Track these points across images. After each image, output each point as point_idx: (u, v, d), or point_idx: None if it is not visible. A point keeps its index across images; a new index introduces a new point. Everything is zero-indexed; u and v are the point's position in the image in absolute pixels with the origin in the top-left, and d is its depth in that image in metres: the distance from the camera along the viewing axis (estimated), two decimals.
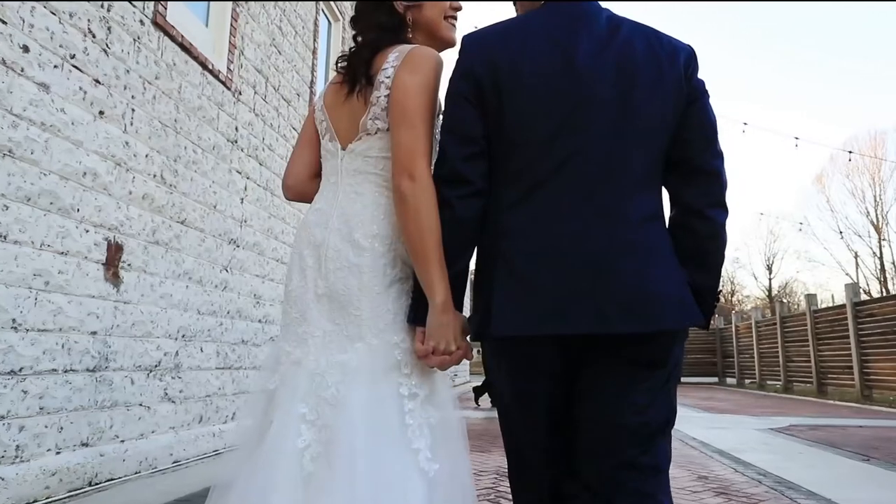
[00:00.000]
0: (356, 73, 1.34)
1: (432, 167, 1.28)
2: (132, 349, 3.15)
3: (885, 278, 28.27)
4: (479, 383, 8.85)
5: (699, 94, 1.24)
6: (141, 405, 3.21)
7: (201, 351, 3.83)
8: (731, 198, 1.26)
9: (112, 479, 2.91)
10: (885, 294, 23.64)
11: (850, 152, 15.70)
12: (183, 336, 3.63)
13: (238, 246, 4.37)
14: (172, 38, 3.54)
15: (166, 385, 3.44)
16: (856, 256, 28.80)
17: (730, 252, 1.35)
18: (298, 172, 1.50)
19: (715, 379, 18.69)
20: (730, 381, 18.00)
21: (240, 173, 4.42)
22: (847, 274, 29.01)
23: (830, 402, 10.73)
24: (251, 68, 4.65)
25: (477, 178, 1.20)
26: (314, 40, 6.06)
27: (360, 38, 1.40)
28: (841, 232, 28.05)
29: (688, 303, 1.16)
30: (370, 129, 1.33)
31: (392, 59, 1.31)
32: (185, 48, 3.68)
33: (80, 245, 2.79)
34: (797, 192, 46.42)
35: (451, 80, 1.25)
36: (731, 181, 1.26)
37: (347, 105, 1.36)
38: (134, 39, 3.21)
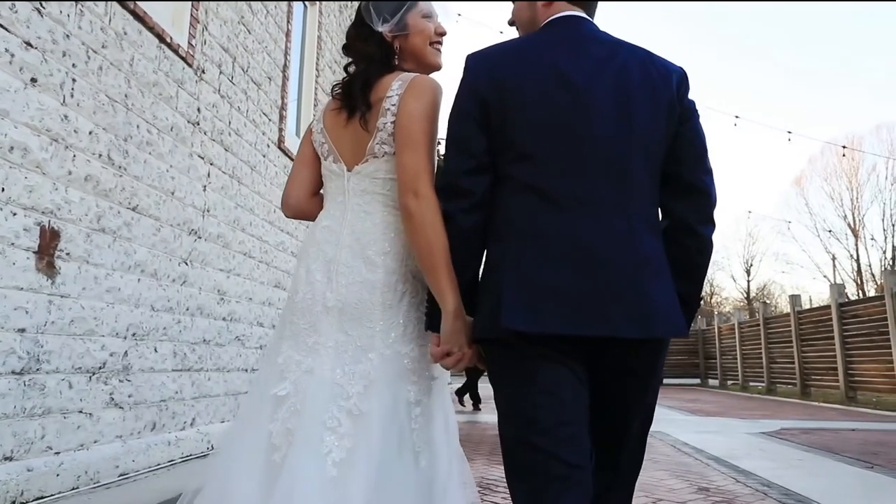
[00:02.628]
0: (355, 100, 1.43)
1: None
2: (70, 349, 2.80)
3: (861, 281, 28.54)
4: (461, 385, 8.59)
5: (690, 113, 1.32)
6: (81, 412, 2.86)
7: (155, 351, 3.48)
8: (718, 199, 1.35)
9: (42, 497, 2.55)
10: (861, 296, 23.81)
11: (844, 147, 15.64)
12: (133, 335, 3.27)
13: (199, 237, 4.02)
14: (123, 5, 3.19)
15: (112, 389, 3.08)
16: (833, 259, 29.05)
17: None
18: (299, 192, 1.58)
19: (697, 380, 18.59)
20: (712, 382, 17.91)
21: (202, 158, 4.07)
22: (825, 276, 29.24)
23: (815, 403, 10.63)
24: (216, 45, 4.30)
25: (478, 191, 1.26)
26: (287, 22, 5.71)
27: (352, 68, 1.50)
28: (830, 231, 28.25)
29: (678, 313, 1.23)
30: (377, 152, 1.41)
31: (396, 88, 1.39)
32: (139, 17, 3.33)
33: (4, 229, 2.43)
34: (777, 194, 46.75)
35: (457, 98, 1.30)
36: (719, 182, 1.34)
37: (349, 129, 1.44)
38: (76, 1, 2.85)
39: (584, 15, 1.35)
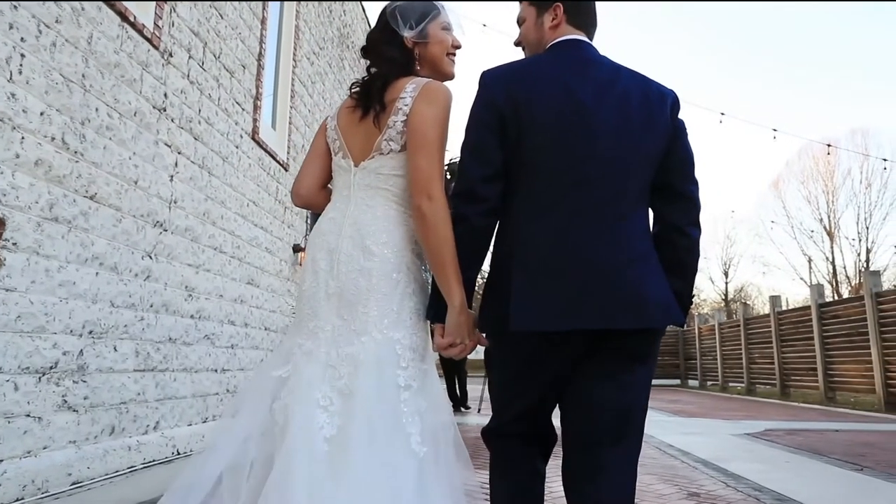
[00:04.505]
0: (371, 99, 1.51)
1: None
2: (16, 347, 2.57)
3: (836, 282, 28.89)
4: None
5: (680, 132, 1.46)
6: (28, 416, 2.63)
7: (115, 350, 3.26)
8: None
9: None
10: (836, 297, 24.06)
11: (829, 145, 15.72)
12: (90, 332, 3.05)
13: (165, 230, 3.79)
14: None
15: (65, 390, 2.86)
16: (809, 261, 29.37)
17: None
18: (310, 184, 1.66)
19: (677, 381, 18.63)
20: (692, 383, 17.95)
21: (169, 146, 3.84)
22: (801, 278, 29.56)
23: (795, 403, 10.64)
24: (185, 29, 4.08)
25: (492, 197, 1.37)
26: (263, 9, 5.50)
27: (373, 69, 1.57)
28: (812, 231, 28.54)
29: (672, 305, 1.37)
30: (384, 149, 1.49)
31: (410, 90, 1.47)
32: None
33: None
34: (755, 196, 47.08)
35: (474, 110, 1.41)
36: (702, 183, 1.51)
37: (362, 127, 1.53)
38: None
39: (585, 39, 1.50)
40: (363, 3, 9.86)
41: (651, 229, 1.46)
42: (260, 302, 5.38)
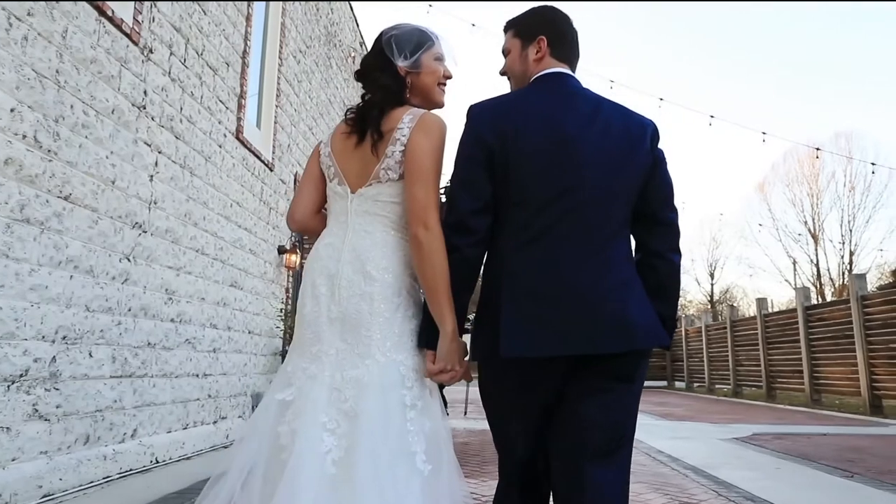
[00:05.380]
0: (367, 127, 1.54)
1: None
2: None
3: (820, 284, 29.15)
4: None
5: (659, 161, 1.51)
6: None
7: (90, 356, 3.14)
8: (686, 202, 1.52)
9: None
10: (820, 300, 24.25)
11: (818, 149, 15.85)
12: (63, 338, 2.94)
13: (145, 231, 3.68)
14: None
15: (36, 399, 2.75)
16: (794, 263, 29.60)
17: None
18: (306, 209, 1.68)
19: (664, 383, 18.66)
20: (678, 385, 17.99)
21: (148, 145, 3.73)
22: (786, 280, 29.77)
23: (781, 406, 10.65)
24: (167, 24, 3.97)
25: (482, 229, 1.42)
26: (248, 6, 5.39)
27: (367, 96, 1.60)
28: (799, 234, 28.70)
29: (657, 327, 1.42)
30: (382, 178, 1.52)
31: (407, 121, 1.52)
32: None
33: None
34: (741, 198, 47.29)
35: (464, 144, 1.46)
36: (691, 186, 1.54)
37: (357, 153, 1.56)
38: None
39: (568, 71, 1.55)
40: (351, 2, 9.75)
41: (633, 256, 1.51)
42: (243, 305, 5.27)
